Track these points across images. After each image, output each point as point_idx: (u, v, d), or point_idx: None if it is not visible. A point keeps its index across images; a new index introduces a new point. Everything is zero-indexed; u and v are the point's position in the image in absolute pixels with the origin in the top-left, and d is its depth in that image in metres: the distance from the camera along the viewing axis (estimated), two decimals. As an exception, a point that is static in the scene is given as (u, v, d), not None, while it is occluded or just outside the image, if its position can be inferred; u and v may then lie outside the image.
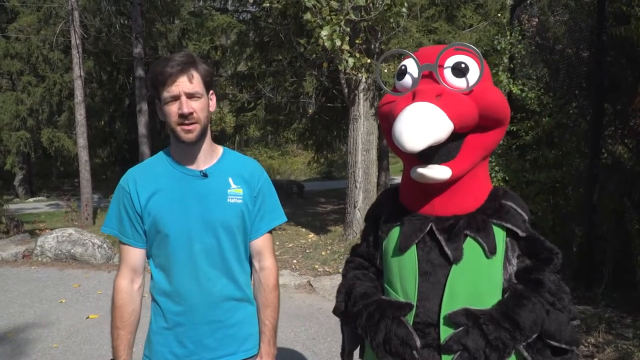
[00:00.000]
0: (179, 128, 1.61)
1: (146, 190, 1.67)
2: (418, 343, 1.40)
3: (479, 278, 1.42)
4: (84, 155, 12.73)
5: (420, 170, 1.36)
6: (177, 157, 1.71)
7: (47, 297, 5.81)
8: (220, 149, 1.80)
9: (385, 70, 7.31)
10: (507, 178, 5.90)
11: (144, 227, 1.69)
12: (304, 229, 9.88)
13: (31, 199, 20.19)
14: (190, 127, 1.62)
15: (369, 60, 6.99)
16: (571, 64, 5.75)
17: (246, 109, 12.73)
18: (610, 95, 5.42)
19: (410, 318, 1.44)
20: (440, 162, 1.37)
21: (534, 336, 1.37)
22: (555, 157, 5.74)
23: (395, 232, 1.54)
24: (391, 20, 6.80)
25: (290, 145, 29.70)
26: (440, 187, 1.43)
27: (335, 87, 9.53)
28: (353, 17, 6.26)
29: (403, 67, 1.47)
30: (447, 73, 1.38)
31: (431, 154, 1.36)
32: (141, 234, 1.70)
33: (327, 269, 6.85)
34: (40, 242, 7.94)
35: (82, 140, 12.73)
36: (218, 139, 30.58)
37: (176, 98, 1.59)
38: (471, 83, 1.37)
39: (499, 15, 8.13)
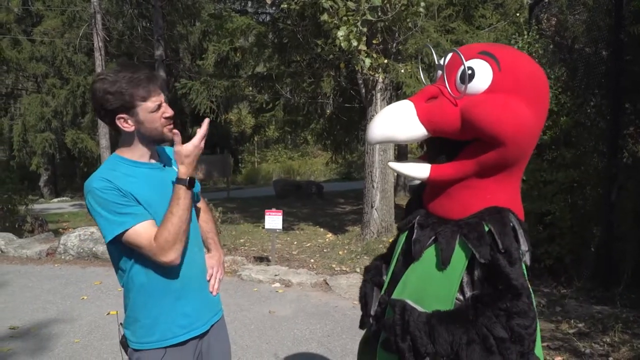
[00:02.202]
0: (166, 129, 1.86)
1: (129, 186, 1.79)
2: (374, 307, 1.58)
3: (429, 282, 1.42)
4: (106, 156, 12.94)
5: (391, 164, 1.43)
6: (136, 157, 1.89)
7: (70, 294, 5.94)
8: None
9: (402, 71, 7.33)
10: (524, 178, 5.87)
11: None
12: (322, 229, 9.93)
13: (55, 199, 20.57)
14: (172, 126, 1.89)
15: (385, 61, 7.01)
16: (589, 63, 5.71)
17: (265, 110, 12.82)
18: (630, 95, 5.37)
19: (382, 291, 1.60)
20: (432, 161, 1.41)
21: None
22: (573, 156, 5.70)
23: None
24: (408, 20, 6.81)
25: (310, 147, 29.78)
26: (439, 186, 1.46)
27: (353, 88, 9.57)
28: (370, 17, 6.28)
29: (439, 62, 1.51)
30: (458, 76, 1.37)
31: (432, 153, 1.42)
32: (144, 210, 1.79)
33: (344, 268, 6.88)
34: (63, 240, 8.11)
35: (104, 142, 12.96)
36: (238, 140, 30.81)
37: (160, 105, 1.82)
38: (467, 91, 1.34)
39: (517, 14, 8.09)
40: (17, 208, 10.25)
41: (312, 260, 7.41)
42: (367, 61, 6.63)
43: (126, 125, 1.80)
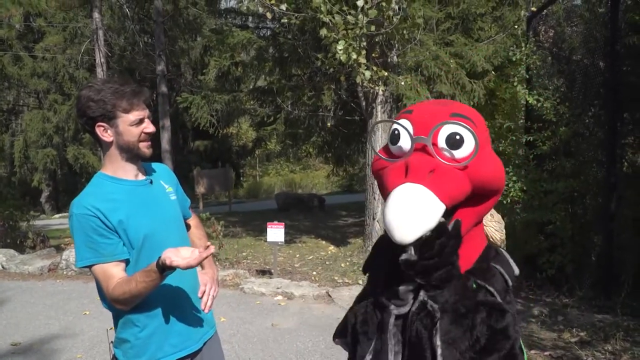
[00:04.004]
0: (142, 145, 1.86)
1: (113, 214, 1.79)
2: (393, 316, 1.40)
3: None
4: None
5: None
6: (120, 174, 1.89)
7: (72, 310, 5.95)
8: None
9: (402, 83, 7.37)
10: (525, 188, 5.90)
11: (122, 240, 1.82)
12: (324, 242, 9.93)
13: (57, 215, 20.59)
14: (150, 143, 1.91)
15: (385, 73, 7.06)
16: (587, 74, 5.75)
17: (266, 123, 12.88)
18: (628, 105, 5.41)
19: None
20: None
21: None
22: (572, 166, 5.73)
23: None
24: (405, 32, 6.87)
25: (311, 160, 29.84)
26: None
27: (354, 100, 9.61)
28: (365, 30, 6.34)
29: (396, 132, 1.40)
30: (441, 145, 1.32)
31: None
32: (121, 246, 1.81)
33: (347, 280, 6.89)
34: (65, 256, 8.13)
35: (106, 156, 12.97)
36: (239, 154, 30.88)
37: (142, 120, 1.84)
38: (466, 157, 1.31)
39: (515, 27, 8.16)
40: (19, 224, 10.27)
41: (314, 273, 7.41)
42: (367, 74, 6.68)
43: (105, 135, 1.82)
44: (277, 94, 10.73)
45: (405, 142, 1.36)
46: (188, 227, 2.26)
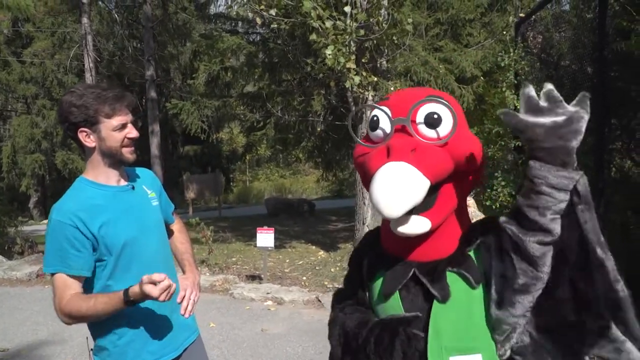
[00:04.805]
0: (124, 150, 1.86)
1: (93, 220, 1.78)
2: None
3: (464, 312, 1.38)
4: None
5: (400, 228, 1.34)
6: (102, 180, 1.88)
7: (60, 316, 5.89)
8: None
9: (392, 88, 7.39)
10: (513, 193, 5.92)
11: (96, 255, 1.80)
12: (314, 247, 9.92)
13: (45, 221, 20.38)
14: (133, 149, 1.90)
15: (375, 78, 7.08)
16: (575, 80, 5.80)
17: (256, 129, 12.86)
18: (617, 110, 5.46)
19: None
20: (417, 212, 1.34)
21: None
22: (561, 171, 5.76)
23: (379, 278, 1.52)
24: (394, 38, 6.90)
25: (301, 165, 29.83)
26: (421, 235, 1.40)
27: (343, 106, 9.63)
28: (355, 36, 6.37)
29: (375, 119, 1.43)
30: (420, 125, 1.36)
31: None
32: (90, 262, 1.79)
33: (337, 285, 6.87)
34: (53, 261, 8.06)
35: (95, 162, 12.90)
36: (229, 159, 30.84)
37: (125, 126, 1.82)
38: (445, 135, 1.34)
39: (504, 32, 8.21)
40: (7, 230, 10.19)
41: (304, 278, 7.40)
42: (357, 79, 6.70)
43: (88, 140, 1.81)
44: (267, 99, 10.72)
45: (385, 125, 1.40)
46: (172, 232, 2.26)
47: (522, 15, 7.21)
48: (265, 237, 6.90)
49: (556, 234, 1.25)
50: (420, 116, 1.35)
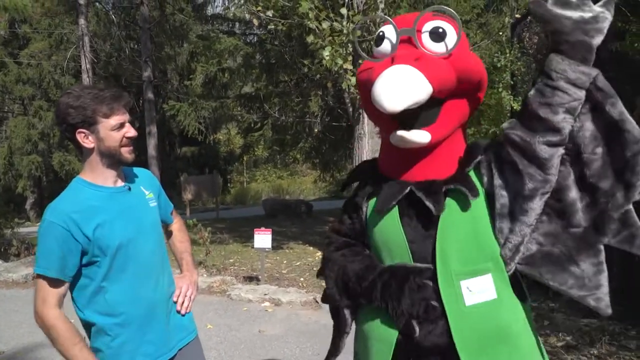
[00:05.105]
0: (123, 150, 1.84)
1: (88, 222, 1.77)
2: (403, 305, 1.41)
3: (468, 233, 1.40)
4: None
5: (401, 133, 1.36)
6: (99, 181, 1.86)
7: (57, 317, 5.88)
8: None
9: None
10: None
11: (87, 258, 1.79)
12: (311, 248, 9.92)
13: (42, 222, 20.34)
14: (132, 148, 1.88)
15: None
16: (571, 80, 5.82)
17: (253, 130, 12.91)
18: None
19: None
20: (420, 127, 1.36)
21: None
22: (557, 171, 5.78)
23: (375, 200, 1.53)
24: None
25: (299, 165, 29.85)
26: (419, 153, 1.43)
27: (340, 107, 9.65)
28: (352, 37, 6.37)
29: (381, 33, 1.46)
30: (425, 38, 1.39)
31: (411, 119, 1.36)
32: (76, 266, 1.79)
33: (334, 287, 6.88)
34: (50, 263, 8.04)
35: (92, 163, 12.88)
36: (227, 160, 30.83)
37: (123, 125, 1.81)
38: (449, 47, 1.37)
39: (500, 33, 8.23)
40: (3, 231, 10.16)
41: (301, 279, 7.40)
42: (354, 80, 6.70)
43: (86, 141, 1.79)
44: (264, 100, 10.74)
45: (391, 37, 1.43)
46: (171, 232, 2.26)
47: (518, 16, 7.24)
48: (263, 238, 6.90)
49: (565, 134, 1.26)
50: (426, 28, 1.39)
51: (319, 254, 9.22)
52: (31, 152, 20.02)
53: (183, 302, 2.02)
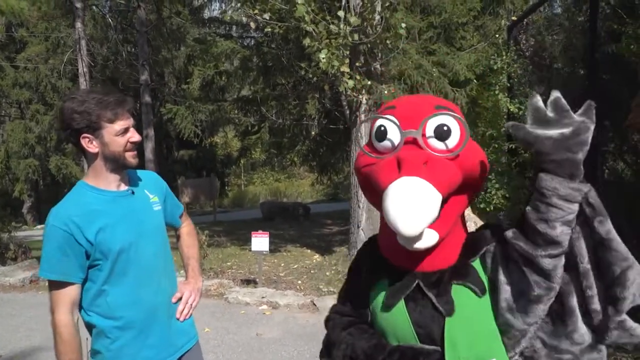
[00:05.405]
0: (128, 154, 1.86)
1: (90, 226, 1.78)
2: None
3: (475, 321, 1.40)
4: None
5: (411, 244, 1.31)
6: (103, 185, 1.87)
7: (54, 321, 5.87)
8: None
9: (386, 92, 7.41)
10: (507, 195, 5.95)
11: (89, 261, 1.81)
12: (309, 250, 9.91)
13: (39, 226, 20.29)
14: (136, 153, 1.91)
15: (369, 82, 7.10)
16: (567, 82, 5.84)
17: (251, 133, 12.88)
18: (608, 113, 5.49)
19: None
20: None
21: None
22: (554, 173, 5.78)
23: (380, 287, 1.50)
24: (388, 42, 6.92)
25: (296, 168, 29.83)
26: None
27: (337, 109, 9.65)
28: (349, 39, 6.38)
29: (382, 129, 1.39)
30: (430, 138, 1.34)
31: None
32: (84, 267, 1.81)
33: (332, 289, 6.87)
34: (47, 267, 8.02)
35: (89, 167, 12.85)
36: (224, 163, 30.79)
37: (127, 130, 1.82)
38: (454, 147, 1.34)
39: (497, 36, 8.26)
40: (0, 235, 10.13)
41: (299, 282, 7.39)
42: (351, 83, 6.71)
43: (90, 146, 1.80)
44: (262, 103, 10.75)
45: (394, 137, 1.37)
46: (179, 236, 2.27)
47: (514, 18, 7.26)
48: (260, 241, 6.90)
49: (565, 245, 1.27)
50: (430, 128, 1.35)
51: (317, 256, 9.23)
52: (28, 155, 19.97)
53: (183, 310, 2.02)
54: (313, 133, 11.20)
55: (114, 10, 18.96)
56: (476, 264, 1.42)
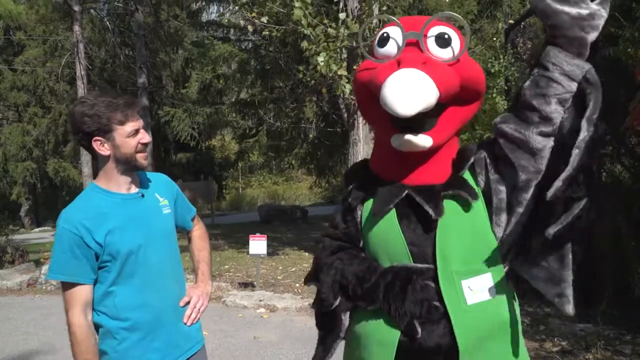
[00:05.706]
0: (138, 156, 1.86)
1: (99, 228, 1.79)
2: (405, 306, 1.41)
3: (468, 236, 1.41)
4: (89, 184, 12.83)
5: (408, 137, 1.36)
6: (113, 187, 1.88)
7: (51, 325, 5.85)
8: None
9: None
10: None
11: (98, 262, 1.82)
12: (306, 253, 9.90)
13: (37, 229, 20.29)
14: (146, 154, 1.93)
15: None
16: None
17: (248, 136, 12.91)
18: (606, 115, 5.49)
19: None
20: (420, 131, 1.37)
21: None
22: (552, 176, 5.79)
23: (370, 203, 1.51)
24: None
25: (294, 171, 29.84)
26: (417, 157, 1.43)
27: (335, 112, 9.67)
28: (347, 43, 6.39)
29: (385, 35, 1.45)
30: (431, 43, 1.40)
31: (412, 123, 1.35)
32: (95, 269, 1.82)
33: (330, 293, 6.87)
34: (44, 270, 8.00)
35: (86, 170, 12.86)
36: (222, 166, 30.77)
37: (137, 131, 1.83)
38: (456, 53, 1.39)
39: (494, 39, 8.27)
40: (-2, 238, 10.11)
41: (297, 285, 7.38)
42: (348, 86, 6.72)
43: (102, 148, 1.81)
44: (259, 106, 10.77)
45: (397, 38, 1.43)
46: (190, 239, 2.28)
47: (511, 21, 7.28)
48: (258, 244, 6.89)
49: (556, 124, 1.32)
50: (432, 33, 1.40)
51: (315, 259, 9.20)
52: (26, 158, 19.95)
53: (191, 314, 2.02)
54: (311, 136, 11.21)
55: (112, 14, 19.00)
56: (466, 175, 1.46)
